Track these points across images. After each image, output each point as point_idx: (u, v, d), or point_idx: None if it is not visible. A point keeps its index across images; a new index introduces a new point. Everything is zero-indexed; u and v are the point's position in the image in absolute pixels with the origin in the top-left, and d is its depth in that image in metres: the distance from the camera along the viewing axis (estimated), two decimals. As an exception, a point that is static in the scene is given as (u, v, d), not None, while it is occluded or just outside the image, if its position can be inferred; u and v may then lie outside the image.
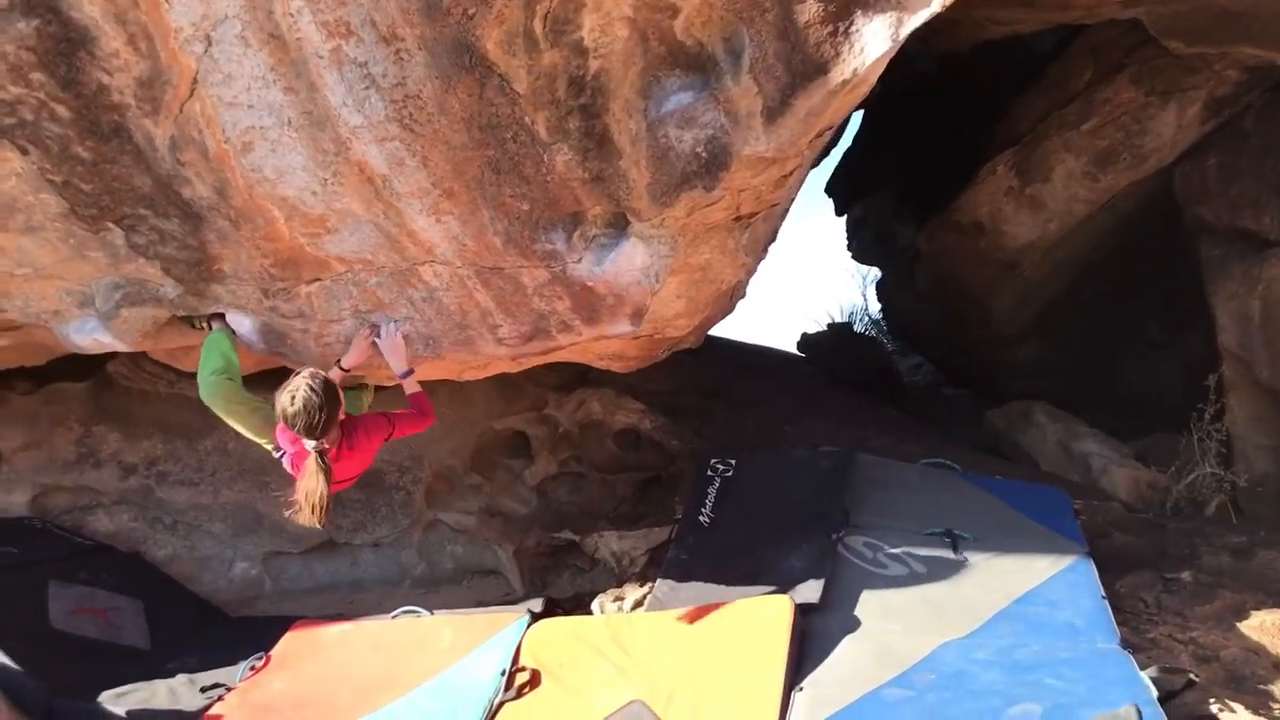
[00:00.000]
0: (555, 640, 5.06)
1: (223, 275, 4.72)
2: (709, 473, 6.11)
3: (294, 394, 4.09)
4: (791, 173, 4.16)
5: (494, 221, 4.27)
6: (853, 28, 3.59)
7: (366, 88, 3.86)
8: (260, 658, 5.44)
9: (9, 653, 5.16)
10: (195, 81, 3.97)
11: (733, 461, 6.17)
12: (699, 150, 3.98)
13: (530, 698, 4.80)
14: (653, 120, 3.95)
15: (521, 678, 4.88)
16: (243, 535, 7.07)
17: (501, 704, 4.76)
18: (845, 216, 14.84)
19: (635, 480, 7.03)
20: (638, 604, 5.53)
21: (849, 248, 14.99)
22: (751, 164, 3.98)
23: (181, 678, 5.38)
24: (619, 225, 4.35)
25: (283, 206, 4.30)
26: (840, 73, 3.65)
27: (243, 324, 4.96)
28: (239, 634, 6.04)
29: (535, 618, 5.32)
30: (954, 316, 9.80)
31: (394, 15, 3.67)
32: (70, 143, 4.19)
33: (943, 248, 8.85)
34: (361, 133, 3.98)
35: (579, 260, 4.38)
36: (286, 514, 4.30)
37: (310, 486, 4.17)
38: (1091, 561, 5.11)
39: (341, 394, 4.35)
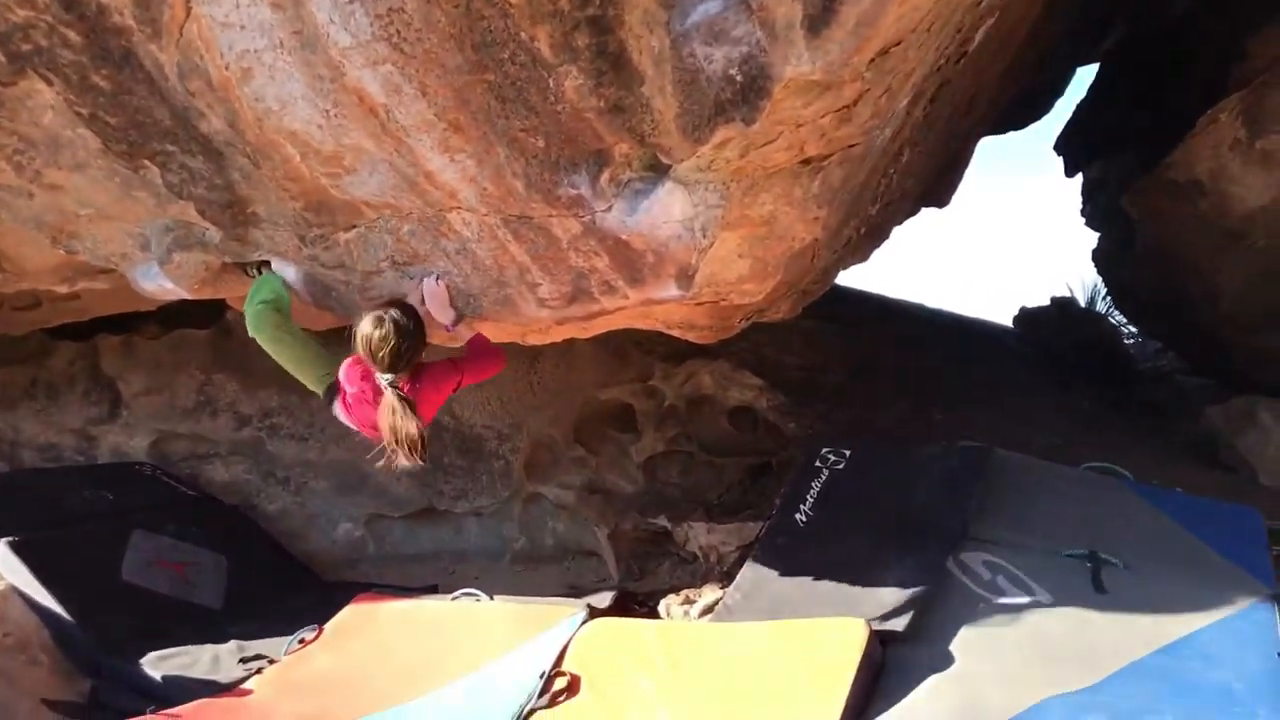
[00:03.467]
0: (603, 645, 4.48)
1: (257, 219, 4.40)
2: (816, 464, 5.29)
3: (381, 319, 3.78)
4: (856, 103, 3.31)
5: (510, 161, 3.65)
6: (905, -96, 2.74)
7: (350, 1, 3.32)
8: (313, 630, 5.14)
9: (71, 602, 5.12)
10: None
11: (846, 453, 5.32)
12: (732, 72, 3.20)
13: (564, 708, 4.24)
14: (677, 35, 3.20)
15: (560, 683, 4.32)
16: (346, 495, 6.88)
17: (532, 711, 4.23)
18: (1081, 178, 13.30)
19: (745, 466, 6.30)
20: (708, 610, 4.86)
21: (1083, 213, 13.40)
22: (799, 90, 3.18)
23: (232, 644, 5.17)
24: (657, 169, 3.64)
25: (294, 141, 3.86)
26: (894, -34, 2.81)
27: (288, 273, 4.65)
28: (319, 600, 5.76)
29: (594, 614, 4.75)
30: (1176, 291, 8.38)
31: (365, -90, 3.12)
32: (87, 71, 3.93)
33: (1153, 211, 7.50)
34: (352, 54, 3.45)
35: (608, 209, 3.70)
36: (381, 465, 3.88)
37: (397, 423, 3.78)
38: (1276, 608, 4.03)
39: None
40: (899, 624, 4.12)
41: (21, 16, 3.78)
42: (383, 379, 3.81)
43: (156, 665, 4.90)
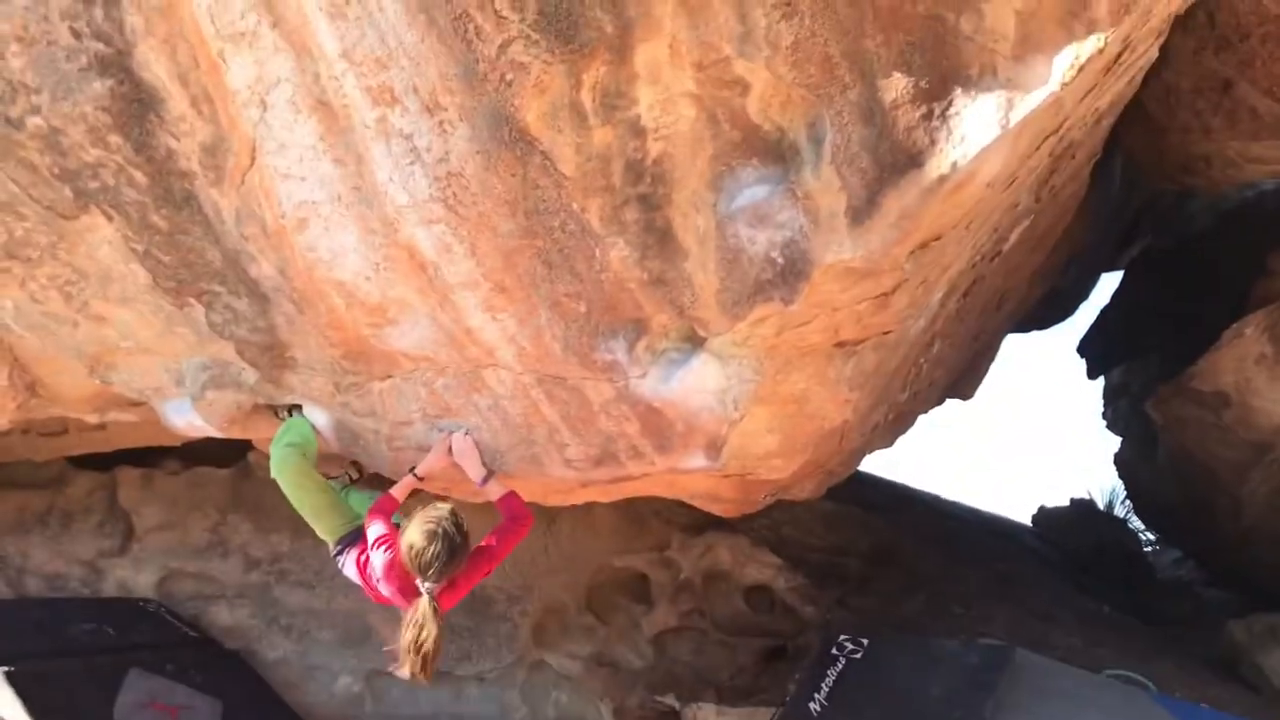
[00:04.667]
0: (602, 826, 4.30)
1: (295, 363, 4.45)
2: (833, 651, 5.18)
3: (433, 533, 3.60)
4: (894, 292, 3.39)
5: (551, 324, 3.74)
6: (950, 110, 2.87)
7: (411, 163, 3.47)
8: (303, 788, 4.97)
9: (58, 742, 4.96)
10: (254, 150, 3.72)
11: (864, 642, 5.21)
12: (774, 255, 3.31)
13: None
14: (723, 217, 3.33)
15: None
16: (350, 647, 6.75)
17: None
18: (1103, 382, 13.39)
19: (760, 647, 6.15)
20: (713, 797, 4.68)
21: (1104, 416, 13.47)
22: (837, 276, 3.27)
23: (219, 796, 4.98)
24: (693, 340, 3.71)
25: (340, 292, 3.96)
26: (937, 166, 2.92)
27: (318, 418, 4.67)
28: (311, 755, 5.61)
29: (595, 793, 4.58)
30: (1198, 501, 8.32)
31: (434, 81, 3.29)
32: (147, 211, 4.05)
33: (1177, 419, 7.53)
34: (408, 213, 3.58)
35: (642, 376, 3.77)
36: (391, 669, 3.73)
37: (423, 636, 3.58)
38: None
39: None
40: (913, 827, 3.95)
41: (94, 156, 3.91)
42: (425, 585, 3.65)
43: (139, 813, 4.73)
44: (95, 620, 6.14)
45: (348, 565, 4.21)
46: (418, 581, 3.66)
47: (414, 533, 3.63)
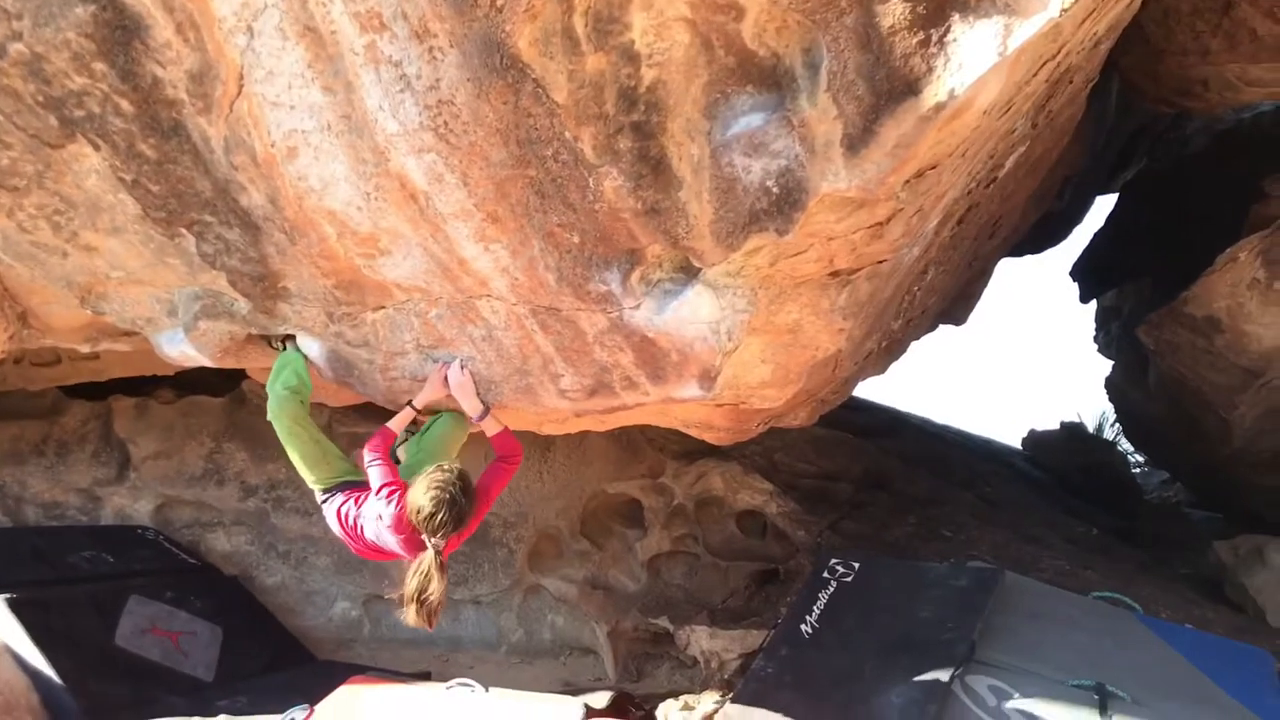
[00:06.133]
0: (598, 745, 4.39)
1: (288, 293, 4.43)
2: (825, 574, 5.24)
3: (440, 499, 3.64)
4: (889, 221, 3.37)
5: (545, 255, 3.72)
6: (948, 36, 2.82)
7: (401, 90, 3.42)
8: (304, 709, 5.04)
9: (62, 665, 5.04)
10: (242, 78, 3.66)
11: (856, 565, 5.27)
12: (769, 184, 3.28)
13: (556, 808, 4.15)
14: (717, 145, 3.29)
15: (553, 782, 4.24)
16: (346, 573, 6.84)
17: (525, 809, 4.14)
18: (1095, 306, 13.40)
19: (752, 571, 6.24)
20: (706, 719, 4.77)
21: (1095, 340, 13.51)
22: (833, 205, 3.25)
23: (221, 719, 5.06)
24: (687, 271, 3.70)
25: (332, 221, 3.93)
26: (934, 93, 2.88)
27: (311, 348, 4.68)
28: (310, 679, 5.68)
29: (591, 714, 4.65)
30: (1188, 425, 8.39)
31: (424, 7, 3.22)
32: (135, 140, 3.99)
33: (1169, 343, 7.55)
34: (398, 141, 3.54)
35: (637, 306, 3.76)
36: (397, 613, 3.81)
37: (428, 586, 3.67)
38: (1286, 753, 3.96)
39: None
40: (902, 745, 4.04)
41: (78, 84, 3.85)
42: (431, 541, 3.70)
43: (143, 737, 4.82)
44: (94, 548, 6.21)
45: (330, 513, 4.26)
46: (424, 537, 3.70)
47: (422, 497, 3.66)
